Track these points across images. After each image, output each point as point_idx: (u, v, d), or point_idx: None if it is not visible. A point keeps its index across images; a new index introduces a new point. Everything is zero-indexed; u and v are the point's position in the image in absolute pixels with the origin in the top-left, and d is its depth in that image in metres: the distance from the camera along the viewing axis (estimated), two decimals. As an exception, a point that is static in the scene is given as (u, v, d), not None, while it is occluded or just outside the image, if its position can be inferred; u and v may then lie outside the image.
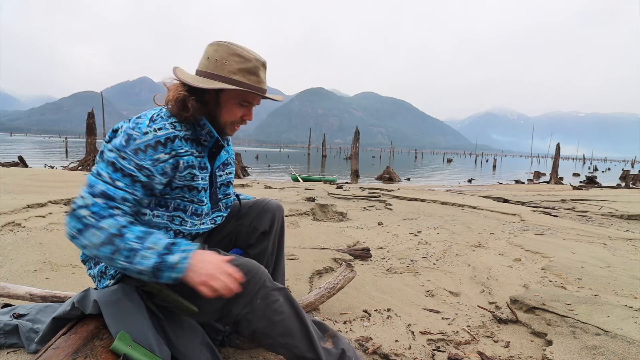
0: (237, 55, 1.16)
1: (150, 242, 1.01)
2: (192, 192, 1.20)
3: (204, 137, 1.21)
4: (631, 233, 4.14)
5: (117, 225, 0.99)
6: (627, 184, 21.67)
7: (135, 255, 0.99)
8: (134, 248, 0.99)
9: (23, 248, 2.62)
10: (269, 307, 1.09)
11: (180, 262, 1.00)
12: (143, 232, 1.02)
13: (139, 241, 1.00)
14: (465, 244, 3.38)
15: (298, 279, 2.26)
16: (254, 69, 1.17)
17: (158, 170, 1.09)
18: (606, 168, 61.40)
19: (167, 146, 1.11)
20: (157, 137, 1.09)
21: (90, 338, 1.08)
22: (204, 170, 1.24)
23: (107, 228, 0.98)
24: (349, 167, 29.95)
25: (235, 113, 1.22)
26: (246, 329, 1.10)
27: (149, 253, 0.99)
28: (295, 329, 1.10)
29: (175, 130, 1.14)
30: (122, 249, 0.98)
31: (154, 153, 1.08)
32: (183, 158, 1.15)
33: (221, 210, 1.36)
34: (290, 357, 1.11)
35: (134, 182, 1.06)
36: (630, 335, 1.51)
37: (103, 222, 0.99)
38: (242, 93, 1.18)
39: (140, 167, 1.06)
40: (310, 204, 5.31)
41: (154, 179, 1.10)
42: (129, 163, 1.06)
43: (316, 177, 18.48)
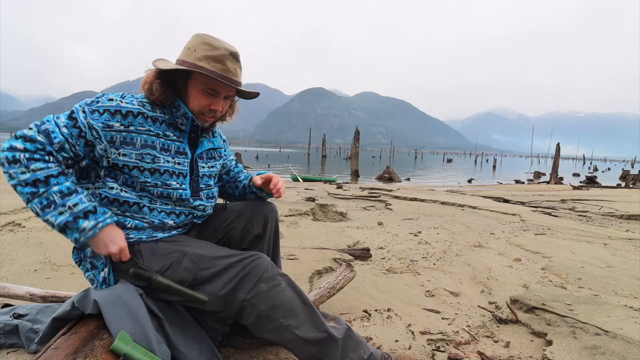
0: (207, 44, 1.19)
1: (71, 202, 1.05)
2: (154, 174, 1.19)
3: (180, 120, 1.23)
4: (631, 233, 4.14)
5: (46, 172, 1.04)
6: (627, 184, 21.67)
7: (52, 206, 1.03)
8: (54, 200, 1.03)
9: (23, 248, 2.62)
10: (272, 289, 1.12)
11: (90, 229, 1.07)
12: (69, 188, 1.07)
13: (60, 196, 1.04)
14: (465, 244, 3.38)
15: (298, 279, 2.26)
16: (220, 57, 1.18)
17: (106, 137, 1.12)
18: (606, 168, 61.41)
19: (126, 118, 1.13)
20: (119, 107, 1.13)
21: (90, 338, 1.08)
22: (182, 156, 1.25)
23: (35, 171, 1.02)
24: (349, 167, 29.96)
25: (200, 101, 1.22)
26: (250, 315, 1.12)
27: (65, 210, 1.04)
28: (299, 310, 1.12)
29: (142, 108, 1.17)
30: (42, 196, 1.03)
31: (109, 118, 1.11)
32: (141, 136, 1.16)
33: (202, 199, 1.34)
34: (295, 341, 1.11)
35: (80, 136, 1.10)
36: (630, 335, 1.51)
37: (33, 164, 1.02)
38: (206, 80, 1.19)
39: (91, 126, 1.10)
40: (310, 204, 5.31)
41: (99, 143, 1.12)
42: (85, 117, 1.10)
43: (316, 177, 18.47)
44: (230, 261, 1.16)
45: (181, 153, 1.25)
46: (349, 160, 37.20)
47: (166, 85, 1.19)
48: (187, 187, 1.27)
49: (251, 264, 1.15)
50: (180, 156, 1.24)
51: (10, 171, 1.02)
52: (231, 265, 1.15)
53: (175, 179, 1.23)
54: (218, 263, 1.16)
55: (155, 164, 1.18)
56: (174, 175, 1.23)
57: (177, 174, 1.24)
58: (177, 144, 1.24)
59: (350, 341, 1.14)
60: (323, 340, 1.10)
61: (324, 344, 1.10)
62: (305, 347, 1.11)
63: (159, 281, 1.14)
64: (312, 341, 1.10)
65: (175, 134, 1.24)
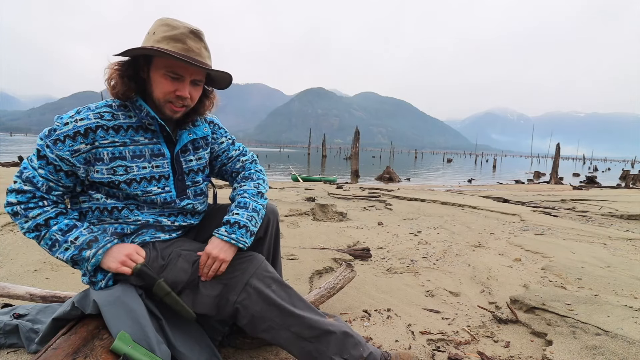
0: (165, 25, 1.10)
1: (72, 237, 1.10)
2: (131, 186, 1.15)
3: (147, 121, 1.15)
4: (631, 233, 4.14)
5: (44, 216, 1.09)
6: (627, 184, 21.66)
7: (56, 245, 1.10)
8: (57, 239, 1.10)
9: (23, 248, 2.62)
10: (263, 291, 1.11)
11: (92, 257, 1.11)
12: (67, 225, 1.11)
13: (62, 234, 1.10)
14: (465, 244, 3.37)
15: (298, 279, 2.26)
16: (179, 36, 1.08)
17: (80, 161, 1.10)
18: (606, 168, 61.38)
19: (87, 137, 1.08)
20: (77, 128, 1.08)
21: (90, 338, 1.08)
22: (160, 158, 1.19)
23: (36, 218, 1.09)
24: (349, 167, 29.95)
25: (164, 86, 1.11)
26: (244, 316, 1.12)
27: (69, 245, 1.10)
28: (292, 309, 1.12)
29: (100, 119, 1.10)
30: (46, 238, 1.10)
31: (72, 144, 1.08)
32: (107, 149, 1.11)
33: (190, 198, 1.29)
34: (291, 339, 1.11)
35: (57, 170, 1.10)
36: (630, 335, 1.51)
37: (31, 212, 1.09)
38: (166, 62, 1.09)
39: (61, 157, 1.08)
40: (310, 204, 5.31)
41: (78, 169, 1.11)
42: (51, 152, 1.08)
43: (316, 177, 18.46)
44: None
45: (157, 155, 1.18)
46: (349, 160, 37.20)
47: (126, 76, 1.11)
48: (172, 188, 1.22)
49: (242, 266, 1.15)
50: (156, 159, 1.18)
51: (17, 222, 1.11)
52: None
53: (156, 184, 1.19)
54: None
55: (129, 175, 1.14)
56: (153, 181, 1.18)
57: (158, 177, 1.19)
58: (151, 146, 1.17)
59: (350, 339, 1.13)
60: (319, 337, 1.10)
61: (321, 341, 1.10)
62: (301, 344, 1.10)
63: (161, 286, 1.13)
64: (308, 338, 1.09)
65: (146, 137, 1.17)
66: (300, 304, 1.15)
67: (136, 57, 1.12)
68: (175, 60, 1.07)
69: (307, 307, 1.15)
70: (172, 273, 1.16)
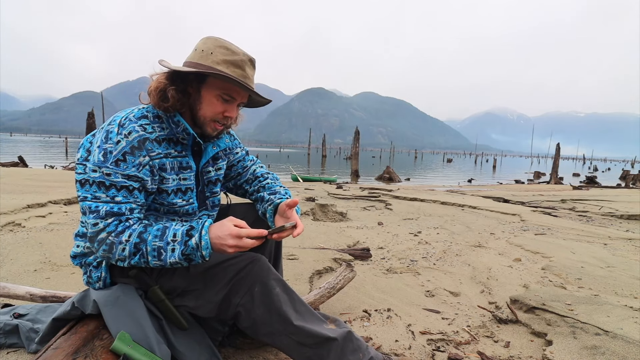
0: (224, 48, 1.13)
1: (170, 236, 1.05)
2: (161, 195, 1.17)
3: (181, 135, 1.17)
4: (631, 233, 4.14)
5: (137, 233, 1.04)
6: (627, 184, 21.66)
7: (162, 252, 1.05)
8: (159, 246, 1.04)
9: (23, 248, 2.62)
10: (267, 294, 1.11)
11: (201, 240, 1.04)
12: (160, 229, 1.07)
13: (160, 239, 1.05)
14: (465, 244, 3.37)
15: (298, 279, 2.26)
16: (239, 62, 1.13)
17: (146, 174, 1.09)
18: (606, 168, 61.36)
19: (142, 149, 1.09)
20: (130, 143, 1.07)
21: (90, 338, 1.08)
22: (187, 170, 1.21)
23: (130, 239, 1.04)
24: (349, 167, 29.95)
25: (215, 107, 1.15)
26: (245, 320, 1.11)
27: (173, 246, 1.05)
28: (295, 315, 1.11)
29: (145, 132, 1.11)
30: (149, 252, 1.04)
31: (133, 159, 1.07)
32: (154, 161, 1.12)
33: (208, 209, 1.34)
34: (291, 345, 1.10)
35: (131, 191, 1.07)
36: (630, 335, 1.51)
37: (123, 236, 1.04)
38: (224, 85, 1.13)
39: (128, 176, 1.06)
40: (310, 204, 5.31)
41: (147, 182, 1.10)
42: (116, 177, 1.04)
43: (316, 177, 18.46)
44: (224, 265, 1.14)
45: (185, 168, 1.20)
46: (349, 160, 37.19)
47: (181, 92, 1.13)
48: (195, 200, 1.25)
49: (246, 268, 1.13)
50: (184, 171, 1.20)
51: (117, 257, 1.05)
52: (225, 270, 1.13)
53: (182, 196, 1.21)
54: (213, 268, 1.14)
55: (163, 185, 1.16)
56: (179, 193, 1.20)
57: (184, 190, 1.21)
58: (179, 159, 1.19)
59: (350, 344, 1.12)
60: (320, 344, 1.09)
61: (321, 347, 1.09)
62: (301, 350, 1.10)
63: (156, 292, 1.13)
64: (309, 345, 1.09)
65: (176, 149, 1.18)
66: (302, 308, 1.14)
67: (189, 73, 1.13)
68: (234, 85, 1.13)
69: (308, 312, 1.15)
70: (169, 279, 1.15)
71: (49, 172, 10.39)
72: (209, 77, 1.14)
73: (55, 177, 7.68)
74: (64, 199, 4.66)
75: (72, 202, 4.70)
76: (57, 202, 4.50)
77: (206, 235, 1.05)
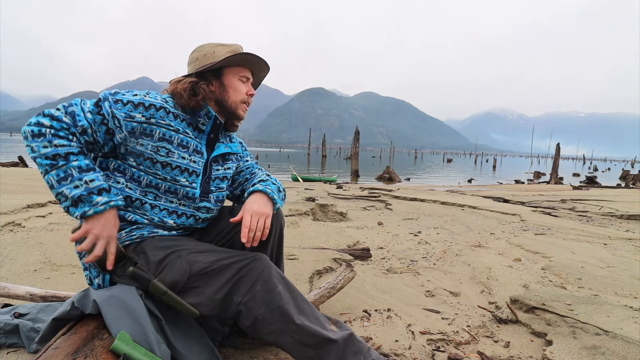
0: (221, 45, 1.29)
1: (88, 177, 1.08)
2: (165, 168, 1.21)
3: (202, 120, 1.28)
4: (631, 233, 4.14)
5: (67, 149, 1.07)
6: (627, 184, 21.66)
7: (68, 179, 1.06)
8: (71, 174, 1.07)
9: (23, 248, 2.62)
10: (268, 293, 1.11)
11: (102, 204, 1.08)
12: (87, 165, 1.10)
13: (79, 171, 1.08)
14: (465, 244, 3.38)
15: (298, 279, 2.26)
16: (237, 49, 1.29)
17: (127, 127, 1.15)
18: (606, 168, 61.35)
19: (148, 110, 1.17)
20: (143, 100, 1.17)
21: (90, 338, 1.08)
22: (198, 155, 1.27)
23: (57, 146, 1.06)
24: (349, 167, 29.95)
25: (241, 90, 1.31)
26: (247, 318, 1.11)
27: (81, 184, 1.07)
28: (297, 314, 1.11)
29: (165, 104, 1.21)
30: (60, 169, 1.06)
31: (131, 109, 1.15)
32: (160, 128, 1.19)
33: (210, 202, 1.33)
34: (292, 344, 1.10)
35: (102, 123, 1.13)
36: (630, 335, 1.51)
37: (57, 140, 1.06)
38: (238, 69, 1.30)
39: (114, 114, 1.13)
40: (310, 204, 5.31)
41: (119, 132, 1.15)
42: (109, 106, 1.14)
43: (316, 177, 18.46)
44: (226, 262, 1.14)
45: (198, 152, 1.28)
46: (349, 160, 37.21)
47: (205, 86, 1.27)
48: (198, 186, 1.28)
49: (248, 266, 1.13)
50: (197, 155, 1.27)
51: (33, 144, 1.06)
52: (227, 267, 1.13)
53: (187, 176, 1.24)
54: (214, 265, 1.14)
55: (168, 158, 1.20)
56: (185, 172, 1.24)
57: (191, 171, 1.25)
58: (195, 142, 1.27)
59: (351, 346, 1.12)
60: (321, 344, 1.09)
61: (322, 348, 1.09)
62: (302, 350, 1.10)
63: (156, 286, 1.12)
64: (310, 344, 1.09)
65: (194, 134, 1.27)
66: (305, 306, 1.14)
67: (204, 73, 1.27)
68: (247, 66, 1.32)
69: (311, 311, 1.15)
70: (170, 274, 1.15)
71: (49, 172, 10.38)
72: (224, 69, 1.29)
73: (55, 177, 7.68)
74: (64, 199, 4.66)
75: (72, 202, 4.70)
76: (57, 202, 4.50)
77: (109, 207, 1.10)
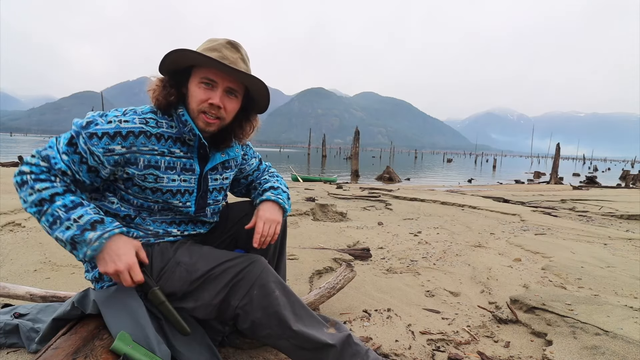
0: (208, 40, 1.15)
1: (76, 214, 1.02)
2: (155, 194, 1.17)
3: (188, 136, 1.17)
4: (631, 233, 4.14)
5: (51, 191, 1.02)
6: (627, 184, 21.66)
7: (57, 222, 1.01)
8: (59, 216, 1.01)
9: (23, 248, 2.62)
10: (265, 297, 1.10)
11: (96, 239, 1.02)
12: (73, 202, 1.04)
13: (65, 210, 1.01)
14: (465, 244, 3.37)
15: (298, 279, 2.26)
16: (216, 46, 1.12)
17: (109, 161, 1.09)
18: (606, 168, 61.35)
19: (127, 139, 1.09)
20: (119, 128, 1.08)
21: (90, 338, 1.08)
22: (189, 173, 1.21)
23: (41, 190, 1.01)
24: (349, 167, 29.95)
25: (198, 94, 1.12)
26: (244, 321, 1.11)
27: (71, 224, 1.01)
28: (294, 319, 1.10)
29: (145, 125, 1.11)
30: (48, 213, 1.01)
31: (109, 142, 1.07)
32: (144, 156, 1.12)
33: (207, 216, 1.32)
34: (289, 348, 1.10)
35: (81, 162, 1.07)
36: (630, 335, 1.51)
37: (38, 184, 1.02)
38: (202, 71, 1.12)
39: (91, 152, 1.06)
40: (310, 204, 5.31)
41: (104, 168, 1.10)
42: (84, 143, 1.06)
43: (316, 177, 18.45)
44: (223, 267, 1.14)
45: (187, 170, 1.20)
46: (349, 160, 37.19)
47: (168, 86, 1.14)
48: (193, 204, 1.25)
49: (245, 270, 1.12)
50: (186, 173, 1.20)
51: (21, 194, 1.03)
52: (224, 272, 1.13)
53: (180, 198, 1.21)
54: (212, 271, 1.14)
55: (157, 184, 1.16)
56: (177, 194, 1.20)
57: (183, 191, 1.21)
58: (184, 160, 1.19)
59: (349, 349, 1.12)
60: (318, 349, 1.09)
61: (320, 352, 1.09)
62: (300, 353, 1.10)
63: (156, 294, 1.11)
64: (307, 348, 1.09)
65: (182, 150, 1.18)
66: (302, 311, 1.13)
67: (177, 73, 1.15)
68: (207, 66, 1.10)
69: (308, 316, 1.14)
70: (168, 283, 1.14)
71: (49, 172, 10.39)
72: (193, 71, 1.15)
73: (55, 177, 7.68)
74: (64, 199, 4.66)
75: (72, 202, 4.71)
76: (57, 202, 4.50)
77: (106, 240, 1.03)
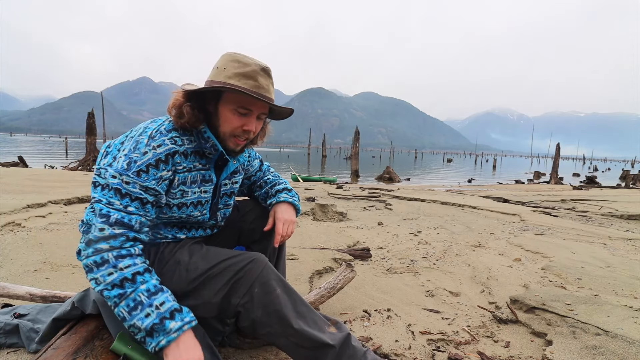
0: (236, 61, 1.12)
1: (158, 301, 0.99)
2: (181, 209, 1.19)
3: (208, 150, 1.18)
4: (631, 233, 4.14)
5: (133, 269, 0.99)
6: (627, 184, 21.66)
7: (138, 309, 0.97)
8: (141, 301, 0.97)
9: (23, 248, 2.62)
10: (266, 295, 1.10)
11: (176, 330, 0.98)
12: (155, 286, 1.01)
13: (148, 295, 0.98)
14: (465, 244, 3.37)
15: (298, 279, 2.26)
16: (251, 73, 1.11)
17: (163, 188, 1.10)
18: (606, 168, 61.34)
19: (168, 162, 1.10)
20: (157, 155, 1.08)
21: (90, 338, 1.08)
22: (208, 184, 1.23)
23: (123, 269, 0.98)
24: (349, 167, 29.95)
25: (233, 122, 1.14)
26: (245, 320, 1.11)
27: (152, 311, 0.97)
28: (294, 317, 1.11)
29: (175, 145, 1.12)
30: (130, 298, 0.97)
31: (156, 172, 1.07)
32: (179, 174, 1.14)
33: (217, 219, 1.35)
34: (289, 346, 1.11)
35: (144, 204, 1.06)
36: (630, 335, 1.51)
37: (121, 262, 0.99)
38: (237, 98, 1.12)
39: (146, 188, 1.05)
40: (310, 204, 5.31)
41: (162, 197, 1.11)
42: (134, 187, 1.04)
43: (316, 177, 18.45)
44: (224, 265, 1.14)
45: (207, 181, 1.22)
46: (349, 160, 37.19)
47: (197, 108, 1.13)
48: (208, 211, 1.27)
49: (245, 268, 1.12)
50: (206, 184, 1.22)
51: (98, 275, 0.98)
52: (225, 270, 1.13)
53: (200, 209, 1.23)
54: (212, 269, 1.14)
55: (183, 199, 1.18)
56: (198, 205, 1.22)
57: (203, 202, 1.24)
58: (203, 172, 1.21)
59: (347, 349, 1.12)
60: (318, 348, 1.09)
61: (319, 350, 1.09)
62: (299, 351, 1.11)
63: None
64: (307, 347, 1.09)
65: (201, 162, 1.20)
66: (303, 309, 1.14)
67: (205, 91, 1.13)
68: (246, 97, 1.10)
69: (309, 314, 1.14)
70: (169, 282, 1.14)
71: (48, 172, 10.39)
72: (225, 93, 1.13)
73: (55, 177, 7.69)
74: (64, 199, 4.66)
75: (72, 202, 4.70)
76: (57, 202, 4.50)
77: (181, 332, 0.99)
